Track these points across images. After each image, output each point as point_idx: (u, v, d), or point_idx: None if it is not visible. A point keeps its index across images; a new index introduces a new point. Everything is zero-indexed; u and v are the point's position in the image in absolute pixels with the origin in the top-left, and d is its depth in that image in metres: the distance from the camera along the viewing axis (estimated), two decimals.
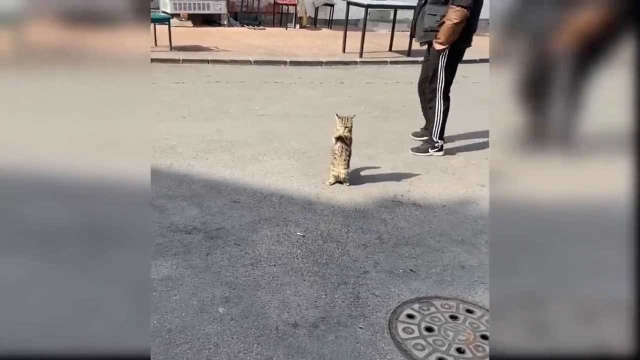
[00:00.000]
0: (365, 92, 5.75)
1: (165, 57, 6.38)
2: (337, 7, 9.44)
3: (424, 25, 3.57)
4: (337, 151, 3.14)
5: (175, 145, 3.66)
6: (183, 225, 2.59)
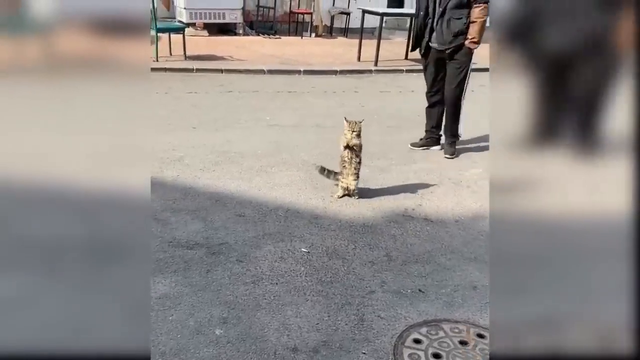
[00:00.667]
0: (379, 102, 5.65)
1: (180, 66, 6.40)
2: (353, 15, 9.39)
3: (452, 30, 3.58)
4: (346, 158, 3.04)
5: (183, 156, 3.62)
6: (185, 240, 2.52)
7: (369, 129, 4.44)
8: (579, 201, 1.48)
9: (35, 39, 1.44)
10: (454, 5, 3.52)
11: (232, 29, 8.97)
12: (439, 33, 3.63)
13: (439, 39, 3.65)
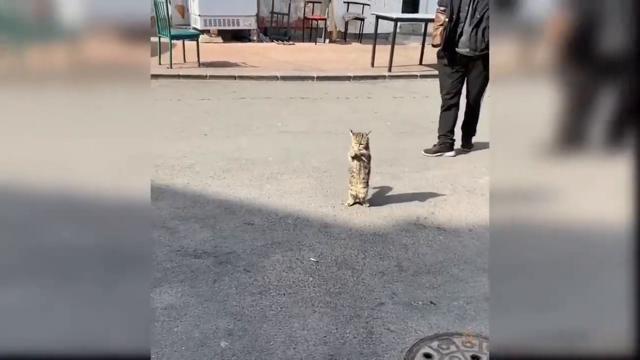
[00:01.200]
0: (392, 107, 5.59)
1: (193, 73, 6.43)
2: (367, 21, 9.36)
3: (486, 39, 3.62)
4: (354, 169, 3.02)
5: (193, 163, 3.61)
6: (193, 249, 2.50)
7: (382, 135, 4.41)
8: (596, 209, 1.43)
9: (63, 45, 1.44)
10: (489, 15, 3.52)
11: (246, 36, 9.00)
12: (473, 40, 3.69)
13: (471, 45, 3.71)
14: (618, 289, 1.29)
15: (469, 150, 4.20)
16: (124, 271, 1.32)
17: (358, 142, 2.97)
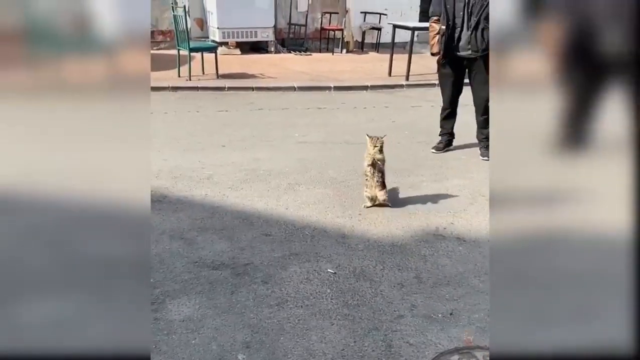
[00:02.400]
0: (410, 117, 5.57)
1: (211, 85, 6.52)
2: (384, 30, 9.36)
3: (486, 38, 3.77)
4: (368, 173, 3.13)
5: (212, 174, 3.64)
6: (211, 261, 2.51)
7: (399, 144, 4.38)
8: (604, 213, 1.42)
9: (100, 58, 1.47)
10: (486, 16, 3.72)
11: (264, 47, 9.10)
12: (473, 41, 3.82)
13: (472, 47, 3.84)
14: (619, 301, 1.27)
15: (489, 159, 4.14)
16: (123, 281, 1.32)
17: (374, 145, 3.10)
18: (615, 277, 1.33)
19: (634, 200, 1.33)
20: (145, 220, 1.48)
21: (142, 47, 1.47)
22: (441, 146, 4.33)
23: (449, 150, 4.35)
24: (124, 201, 1.41)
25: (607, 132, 1.52)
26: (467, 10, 3.79)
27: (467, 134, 4.42)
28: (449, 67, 4.06)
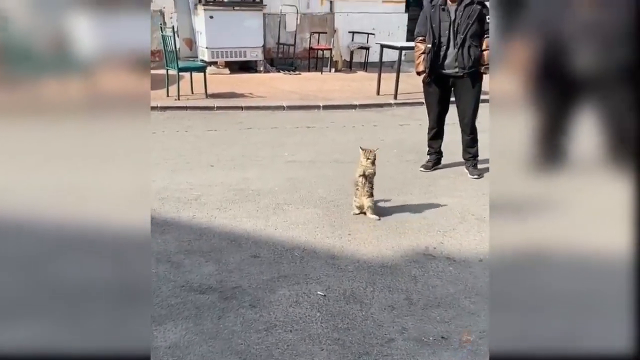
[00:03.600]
0: (398, 135, 5.59)
1: (200, 104, 6.51)
2: (372, 50, 9.47)
3: (473, 56, 3.85)
4: (359, 183, 3.27)
5: (200, 195, 3.60)
6: (198, 284, 2.46)
7: (388, 163, 4.39)
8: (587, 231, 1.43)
9: (79, 77, 1.45)
10: (472, 34, 3.81)
11: (253, 66, 9.14)
12: (460, 59, 3.88)
13: (459, 64, 3.90)
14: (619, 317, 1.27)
15: (479, 177, 4.16)
16: (126, 305, 1.31)
17: (367, 157, 3.23)
18: (604, 293, 1.33)
19: (623, 215, 1.33)
20: (146, 241, 1.45)
21: (142, 69, 1.46)
22: (430, 165, 4.35)
23: (437, 169, 4.37)
24: (123, 222, 1.39)
25: (584, 149, 1.54)
26: (453, 29, 3.85)
27: (455, 152, 4.45)
28: (435, 85, 4.09)
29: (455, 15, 3.82)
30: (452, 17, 3.83)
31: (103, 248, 1.41)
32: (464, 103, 4.08)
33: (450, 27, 3.86)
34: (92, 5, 1.40)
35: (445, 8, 3.84)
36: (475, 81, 3.98)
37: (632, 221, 1.34)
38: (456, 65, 3.91)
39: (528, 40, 1.53)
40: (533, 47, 1.54)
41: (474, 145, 4.20)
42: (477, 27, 3.79)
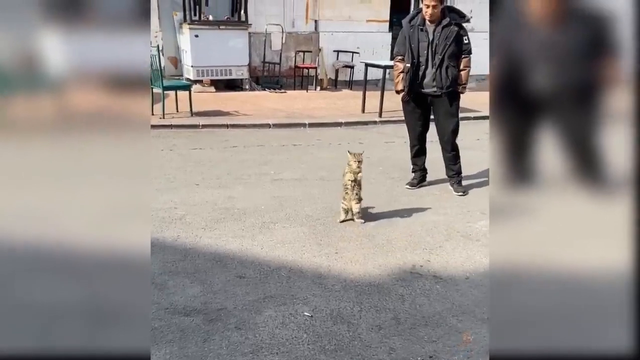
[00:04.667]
0: (384, 152, 5.63)
1: (186, 123, 6.48)
2: (357, 68, 9.58)
3: (450, 76, 3.93)
4: (349, 186, 3.43)
5: (184, 215, 3.56)
6: (182, 306, 2.41)
7: (374, 180, 4.41)
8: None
9: (49, 95, 1.44)
10: (450, 54, 3.89)
11: (238, 85, 9.17)
12: (438, 78, 3.95)
13: (437, 83, 3.96)
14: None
15: (464, 194, 4.19)
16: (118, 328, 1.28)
17: (356, 160, 3.42)
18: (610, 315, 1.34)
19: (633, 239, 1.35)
20: (146, 264, 1.42)
21: (142, 89, 1.45)
22: (415, 182, 4.38)
23: (423, 186, 4.39)
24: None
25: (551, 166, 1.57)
26: (431, 49, 3.92)
27: (440, 169, 4.47)
28: (414, 103, 4.16)
29: (434, 35, 3.89)
30: (430, 37, 3.91)
31: (76, 268, 1.38)
32: (443, 121, 4.15)
33: (428, 48, 3.93)
34: (63, 24, 1.39)
35: (424, 29, 3.92)
36: (452, 100, 4.05)
37: (619, 236, 1.35)
38: (434, 84, 3.97)
39: (491, 60, 1.56)
40: (493, 66, 1.57)
41: (457, 162, 4.25)
42: (455, 48, 3.88)
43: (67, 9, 1.39)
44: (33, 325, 1.35)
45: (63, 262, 1.43)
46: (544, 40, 1.52)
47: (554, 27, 1.49)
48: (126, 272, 1.38)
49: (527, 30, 1.52)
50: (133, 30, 1.41)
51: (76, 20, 1.41)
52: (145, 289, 1.48)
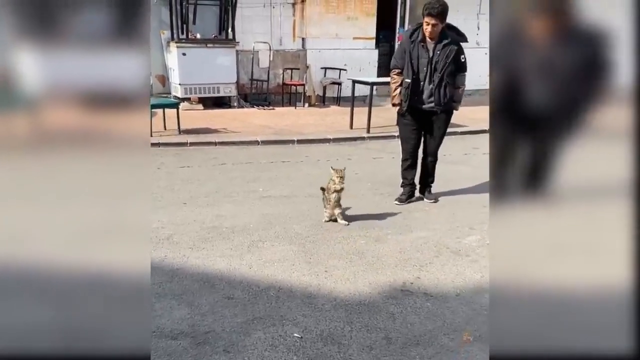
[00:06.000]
0: (372, 168, 5.64)
1: (173, 141, 6.45)
2: (345, 84, 9.65)
3: (448, 94, 4.01)
4: (332, 197, 3.73)
5: (172, 234, 3.52)
6: (169, 330, 2.36)
7: (363, 197, 4.41)
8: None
9: (23, 113, 1.42)
10: (449, 73, 3.98)
11: (226, 102, 9.16)
12: (436, 96, 4.02)
13: (435, 100, 4.04)
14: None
15: (435, 201, 4.38)
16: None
17: (339, 176, 3.72)
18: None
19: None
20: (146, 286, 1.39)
21: (142, 108, 1.44)
22: (404, 198, 4.39)
23: (411, 202, 4.40)
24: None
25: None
26: (431, 67, 3.97)
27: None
28: (410, 117, 4.18)
29: (434, 53, 3.93)
30: (430, 54, 3.94)
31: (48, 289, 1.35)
32: (431, 138, 4.27)
33: (428, 64, 3.97)
34: (39, 42, 1.38)
35: (424, 45, 3.95)
36: (447, 116, 4.18)
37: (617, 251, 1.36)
38: (431, 100, 4.04)
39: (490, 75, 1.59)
40: (492, 81, 1.60)
41: (434, 171, 4.43)
42: (453, 66, 3.95)
43: (42, 27, 1.37)
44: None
45: (35, 283, 1.39)
46: (543, 58, 1.54)
47: (553, 45, 1.51)
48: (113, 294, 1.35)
49: (527, 47, 1.54)
50: (113, 49, 1.40)
51: (52, 38, 1.39)
52: (143, 312, 1.44)
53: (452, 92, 4.03)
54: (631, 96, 1.39)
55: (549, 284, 1.42)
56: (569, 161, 1.54)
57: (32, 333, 1.36)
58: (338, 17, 9.90)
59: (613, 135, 1.45)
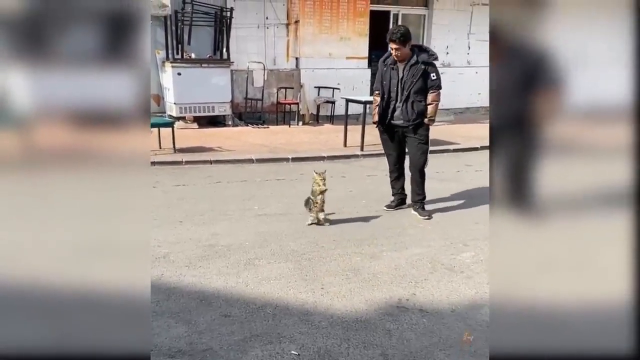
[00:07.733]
0: (366, 186, 5.69)
1: (169, 159, 6.47)
2: (338, 103, 9.76)
3: (416, 110, 4.28)
4: (318, 201, 4.09)
5: (168, 253, 3.52)
6: (167, 348, 2.36)
7: (358, 214, 4.44)
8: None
9: (14, 132, 1.43)
10: (415, 91, 4.26)
11: (221, 121, 9.23)
12: (405, 112, 4.32)
13: (404, 117, 4.34)
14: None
15: (429, 218, 4.43)
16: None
17: (322, 178, 4.09)
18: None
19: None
20: (146, 305, 1.40)
21: (141, 126, 1.46)
22: (393, 205, 4.70)
23: (401, 208, 4.62)
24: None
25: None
26: (400, 86, 4.31)
27: None
28: (387, 133, 4.57)
29: (403, 73, 4.27)
30: (400, 75, 4.30)
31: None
32: (411, 150, 4.51)
33: (398, 84, 4.33)
34: (29, 62, 1.40)
35: (395, 67, 4.32)
36: (418, 130, 4.37)
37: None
38: (401, 117, 4.36)
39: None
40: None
41: (422, 189, 4.53)
42: (422, 84, 4.22)
43: (33, 46, 1.40)
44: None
45: (32, 301, 1.40)
46: (490, 75, 1.70)
47: (495, 64, 1.67)
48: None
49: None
50: (107, 68, 1.43)
51: (44, 57, 1.42)
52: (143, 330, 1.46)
53: (421, 108, 4.27)
54: (632, 111, 1.46)
55: (547, 299, 1.45)
56: (549, 175, 1.61)
57: (31, 351, 1.37)
58: (331, 37, 10.07)
59: (555, 148, 1.56)
